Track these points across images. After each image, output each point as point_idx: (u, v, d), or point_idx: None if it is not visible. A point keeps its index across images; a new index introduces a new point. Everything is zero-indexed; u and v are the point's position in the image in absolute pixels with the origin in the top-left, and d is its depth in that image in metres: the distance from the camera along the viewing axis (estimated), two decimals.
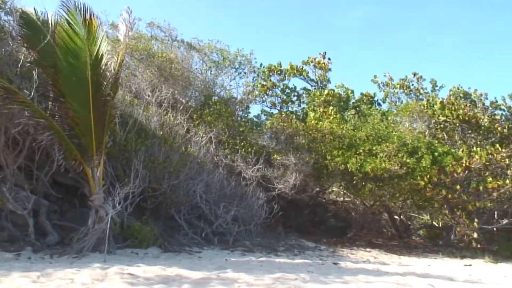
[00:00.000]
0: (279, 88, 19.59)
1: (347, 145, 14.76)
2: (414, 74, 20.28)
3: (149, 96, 14.14)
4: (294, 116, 17.04)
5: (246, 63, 18.24)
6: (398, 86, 20.21)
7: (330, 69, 20.04)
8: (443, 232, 17.66)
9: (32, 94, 8.77)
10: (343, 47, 44.40)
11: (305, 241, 14.42)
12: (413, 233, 19.03)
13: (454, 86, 19.14)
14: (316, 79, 20.23)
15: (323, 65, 19.90)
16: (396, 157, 14.00)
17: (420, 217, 19.57)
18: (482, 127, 16.26)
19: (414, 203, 16.48)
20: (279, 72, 19.63)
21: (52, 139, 9.08)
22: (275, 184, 14.42)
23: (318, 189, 17.03)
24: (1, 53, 9.35)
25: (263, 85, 18.95)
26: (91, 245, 8.69)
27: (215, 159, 13.93)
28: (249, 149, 14.71)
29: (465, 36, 46.46)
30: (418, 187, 14.33)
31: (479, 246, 15.58)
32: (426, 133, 16.45)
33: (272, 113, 18.52)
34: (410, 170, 14.06)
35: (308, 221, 17.04)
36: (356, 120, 16.37)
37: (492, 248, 15.11)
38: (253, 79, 19.04)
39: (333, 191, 18.55)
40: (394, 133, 15.07)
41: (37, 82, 8.89)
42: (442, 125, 16.57)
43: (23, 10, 9.49)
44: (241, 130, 15.58)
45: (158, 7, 36.12)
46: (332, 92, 18.42)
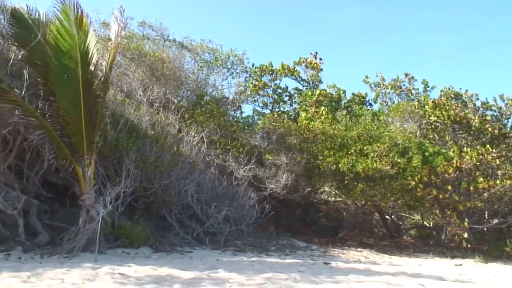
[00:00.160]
0: (271, 88, 19.59)
1: (339, 145, 14.78)
2: (406, 75, 20.37)
3: (141, 96, 14.11)
4: (286, 116, 17.04)
5: (239, 63, 18.26)
6: (390, 87, 20.28)
7: (322, 69, 20.13)
8: (434, 232, 17.70)
9: (23, 93, 8.73)
10: (335, 47, 44.50)
11: (297, 241, 14.43)
12: (404, 233, 19.08)
13: (445, 87, 19.30)
14: (308, 79, 20.28)
15: (315, 65, 19.94)
16: (387, 157, 14.05)
17: (411, 217, 19.62)
18: (473, 128, 16.32)
19: (405, 203, 16.51)
20: (271, 72, 19.62)
21: (43, 139, 9.02)
22: (267, 184, 14.41)
23: (310, 189, 17.03)
24: None
25: (255, 85, 18.93)
26: (82, 245, 8.66)
27: (207, 159, 13.90)
28: (241, 149, 14.72)
29: (458, 37, 46.73)
30: (409, 187, 14.37)
31: (470, 246, 15.65)
32: (417, 134, 16.51)
33: (264, 113, 18.54)
34: (401, 170, 14.10)
35: (300, 221, 17.04)
36: (348, 120, 16.39)
37: (482, 248, 15.20)
38: (245, 79, 19.07)
39: (325, 191, 18.57)
40: (386, 133, 15.12)
41: (28, 81, 8.84)
42: (433, 126, 16.64)
43: (14, 8, 9.42)
44: (233, 130, 15.57)
45: (150, 7, 36.02)
46: (324, 92, 18.44)
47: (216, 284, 6.31)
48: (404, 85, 20.32)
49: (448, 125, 16.44)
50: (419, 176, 14.11)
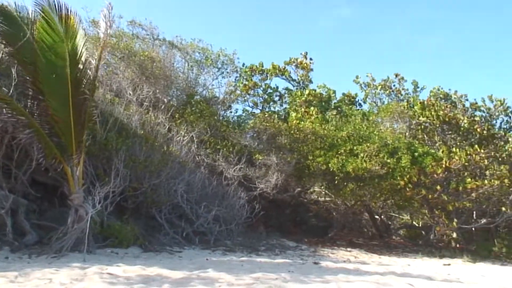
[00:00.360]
0: (261, 88, 19.54)
1: (329, 145, 14.80)
2: (396, 75, 20.44)
3: (130, 95, 14.04)
4: (276, 116, 17.03)
5: (229, 63, 18.25)
6: (380, 87, 20.34)
7: (312, 69, 20.08)
8: (423, 232, 17.81)
9: (11, 92, 8.66)
10: (325, 47, 44.57)
11: (286, 241, 14.45)
12: (394, 233, 19.16)
13: (435, 87, 19.35)
14: (298, 79, 20.26)
15: (305, 65, 19.93)
16: (377, 157, 14.09)
17: (400, 217, 19.72)
18: (462, 128, 16.40)
19: (395, 203, 16.59)
20: (261, 72, 19.58)
21: (31, 138, 8.95)
22: (257, 184, 14.39)
23: (300, 189, 17.07)
24: None
25: (245, 85, 18.90)
26: (71, 245, 8.61)
27: (197, 159, 13.88)
28: (231, 149, 14.67)
29: (447, 37, 46.95)
30: (398, 187, 14.42)
31: (458, 246, 15.73)
32: (407, 134, 16.58)
33: (254, 113, 18.51)
34: (391, 170, 14.16)
35: (290, 221, 17.06)
36: (338, 121, 16.42)
37: (471, 248, 15.28)
38: (236, 79, 19.02)
39: (315, 191, 18.63)
40: (375, 134, 15.18)
41: (16, 80, 8.77)
42: (423, 126, 16.72)
43: (2, 5, 9.32)
44: (223, 130, 15.54)
45: (140, 6, 35.84)
46: (314, 92, 18.44)
47: (206, 284, 6.30)
48: (394, 86, 20.37)
49: (437, 126, 16.52)
50: (408, 176, 14.18)
